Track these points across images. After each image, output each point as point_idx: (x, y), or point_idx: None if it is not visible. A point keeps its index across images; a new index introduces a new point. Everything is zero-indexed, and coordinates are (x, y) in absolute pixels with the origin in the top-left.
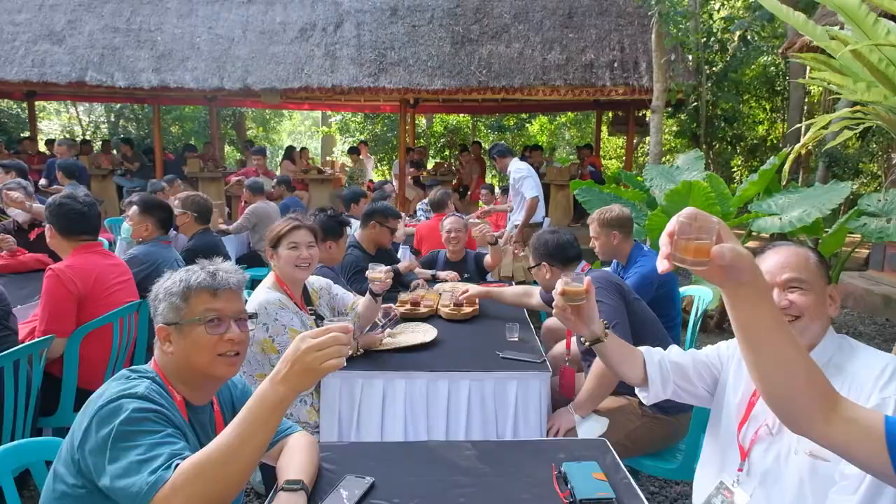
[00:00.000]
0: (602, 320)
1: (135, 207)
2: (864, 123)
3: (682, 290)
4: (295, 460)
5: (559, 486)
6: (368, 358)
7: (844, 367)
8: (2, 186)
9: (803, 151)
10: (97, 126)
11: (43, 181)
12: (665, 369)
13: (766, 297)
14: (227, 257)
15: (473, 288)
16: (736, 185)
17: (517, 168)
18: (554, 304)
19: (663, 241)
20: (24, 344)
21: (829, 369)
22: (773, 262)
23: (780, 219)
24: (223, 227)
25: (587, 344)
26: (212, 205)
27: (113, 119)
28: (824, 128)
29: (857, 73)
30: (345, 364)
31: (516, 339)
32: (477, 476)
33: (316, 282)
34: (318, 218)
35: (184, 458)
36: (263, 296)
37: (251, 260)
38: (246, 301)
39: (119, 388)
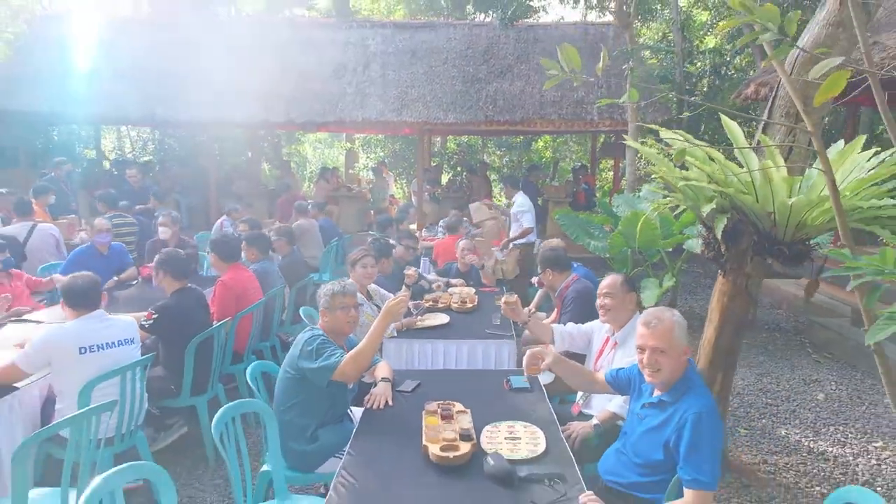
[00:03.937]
0: (527, 308)
1: (244, 242)
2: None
3: None
4: (383, 371)
5: (506, 383)
6: (409, 332)
7: (631, 339)
8: (157, 214)
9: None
10: (144, 143)
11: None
12: (562, 334)
13: (562, 362)
14: (305, 265)
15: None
16: None
17: (520, 203)
18: (501, 308)
19: (525, 364)
20: (219, 322)
21: (627, 339)
22: (603, 284)
23: None
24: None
25: (521, 324)
26: (294, 230)
27: (158, 136)
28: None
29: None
30: (402, 320)
31: (498, 323)
32: (470, 383)
33: (371, 286)
34: (376, 243)
35: (345, 354)
36: None
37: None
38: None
39: (312, 332)
